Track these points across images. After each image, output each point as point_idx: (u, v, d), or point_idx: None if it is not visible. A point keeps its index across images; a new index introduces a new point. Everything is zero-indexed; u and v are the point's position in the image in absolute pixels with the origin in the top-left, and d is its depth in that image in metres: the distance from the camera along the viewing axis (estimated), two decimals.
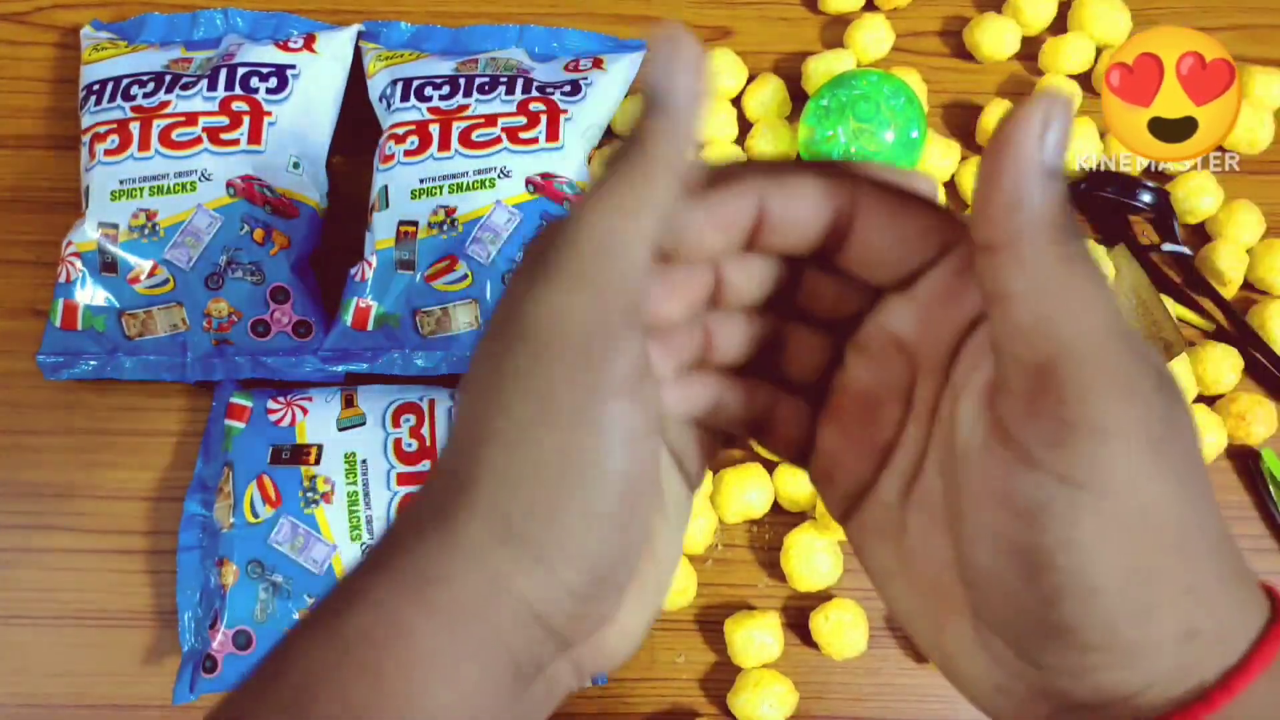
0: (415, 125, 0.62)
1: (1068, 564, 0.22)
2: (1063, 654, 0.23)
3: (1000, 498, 0.23)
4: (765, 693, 0.56)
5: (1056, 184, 0.22)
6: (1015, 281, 0.23)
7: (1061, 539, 0.22)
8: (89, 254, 0.61)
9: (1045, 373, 0.22)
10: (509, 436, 0.24)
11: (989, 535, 0.24)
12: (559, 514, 0.24)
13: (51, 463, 0.63)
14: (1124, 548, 0.22)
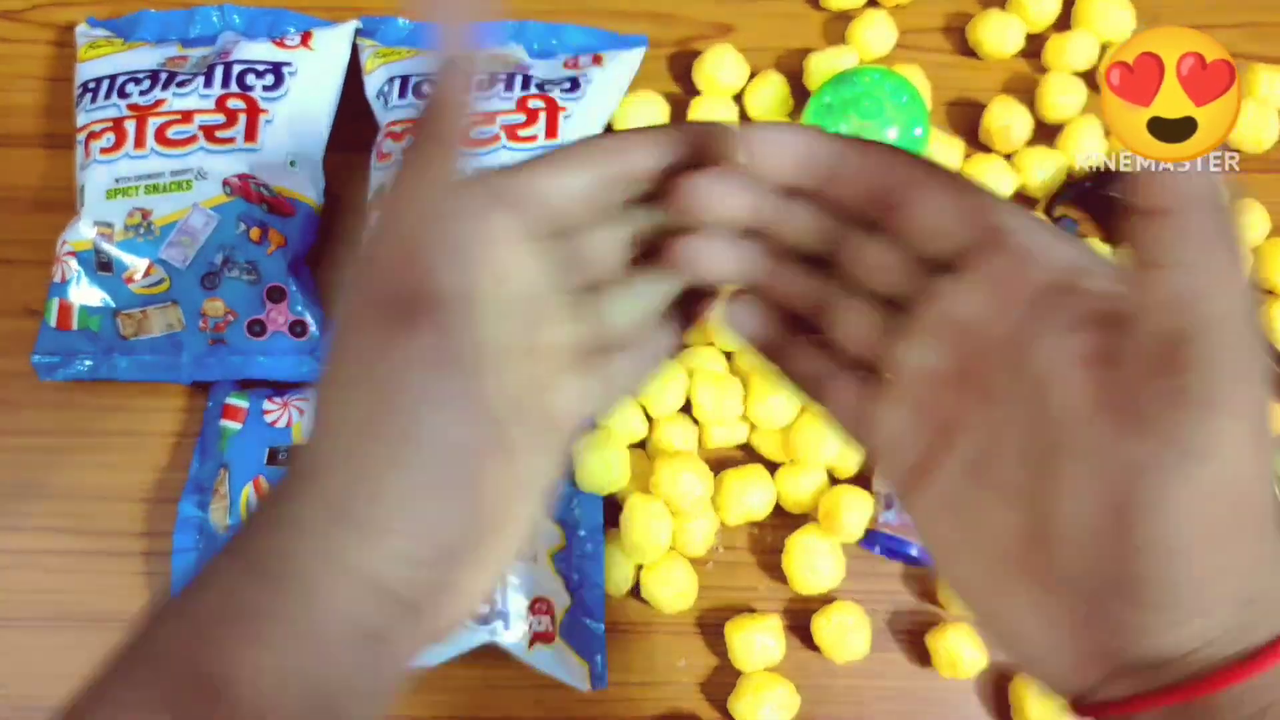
0: (413, 122, 0.62)
1: (1157, 521, 0.24)
2: (1131, 610, 0.25)
3: (1105, 458, 0.25)
4: (766, 696, 0.55)
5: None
6: (1174, 251, 0.25)
7: (1157, 497, 0.24)
8: (84, 253, 0.60)
9: (1179, 343, 0.24)
10: (341, 421, 0.26)
11: (1087, 494, 0.25)
12: (388, 490, 0.26)
13: (46, 463, 0.62)
14: (1210, 513, 0.24)
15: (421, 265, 0.26)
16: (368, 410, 0.26)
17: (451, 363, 0.26)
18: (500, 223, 0.29)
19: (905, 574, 0.60)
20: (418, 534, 0.26)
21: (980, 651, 0.56)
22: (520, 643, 0.55)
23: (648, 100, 0.66)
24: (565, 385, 0.31)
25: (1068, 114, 0.66)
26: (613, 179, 0.31)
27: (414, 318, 0.25)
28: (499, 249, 0.29)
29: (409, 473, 0.26)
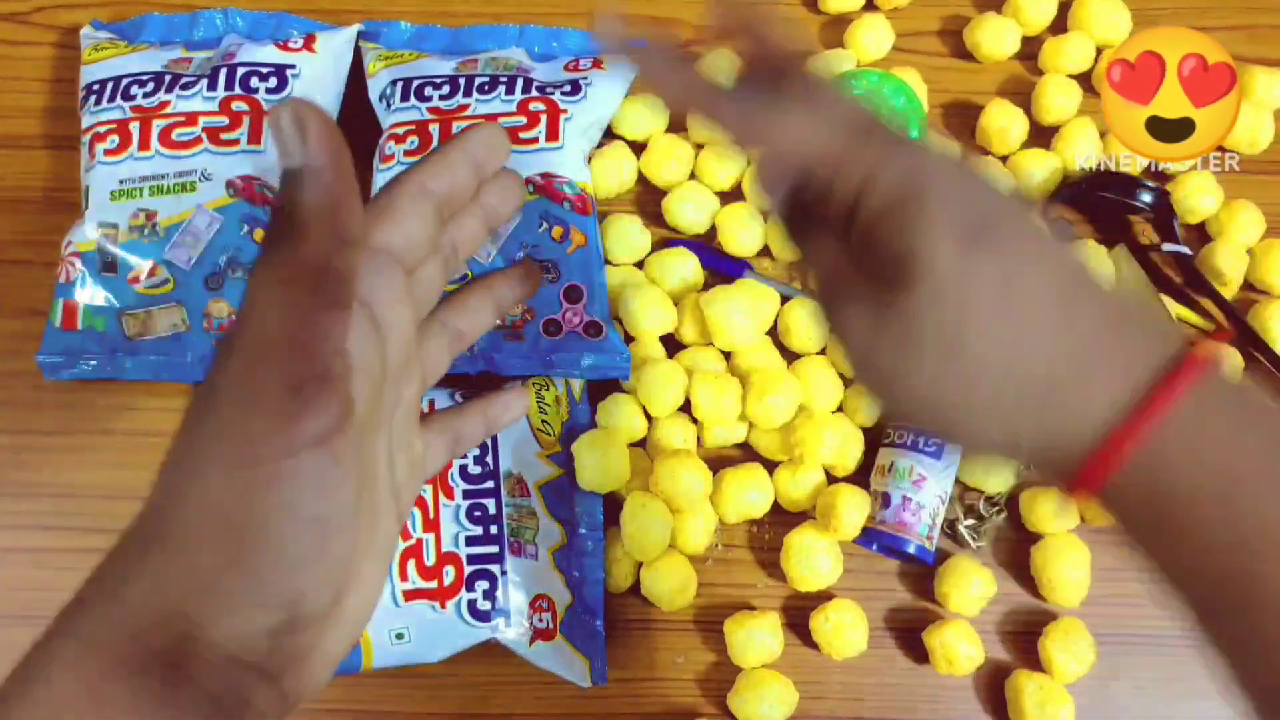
0: (415, 125, 0.62)
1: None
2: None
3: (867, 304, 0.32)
4: (765, 693, 0.56)
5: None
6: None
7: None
8: (89, 254, 0.61)
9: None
10: (201, 496, 0.25)
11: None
12: (253, 565, 0.25)
13: (51, 463, 0.63)
14: (945, 334, 0.29)
15: (306, 351, 0.25)
16: (230, 486, 0.25)
17: (324, 443, 0.25)
18: (380, 284, 0.29)
19: (902, 571, 0.60)
20: (273, 608, 0.26)
21: (977, 648, 0.56)
22: (521, 639, 0.56)
23: (647, 103, 0.67)
24: (416, 444, 0.32)
25: (1064, 116, 0.66)
26: (440, 208, 0.31)
27: (300, 405, 0.25)
28: (383, 311, 0.29)
29: (274, 548, 0.25)
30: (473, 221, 0.33)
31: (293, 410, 0.25)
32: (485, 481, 0.58)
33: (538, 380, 0.61)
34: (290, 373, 0.25)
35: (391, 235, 0.30)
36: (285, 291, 0.25)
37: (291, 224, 0.25)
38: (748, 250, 0.64)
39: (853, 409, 0.61)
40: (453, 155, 0.31)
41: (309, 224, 0.25)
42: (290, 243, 0.25)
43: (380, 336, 0.29)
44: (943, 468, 0.58)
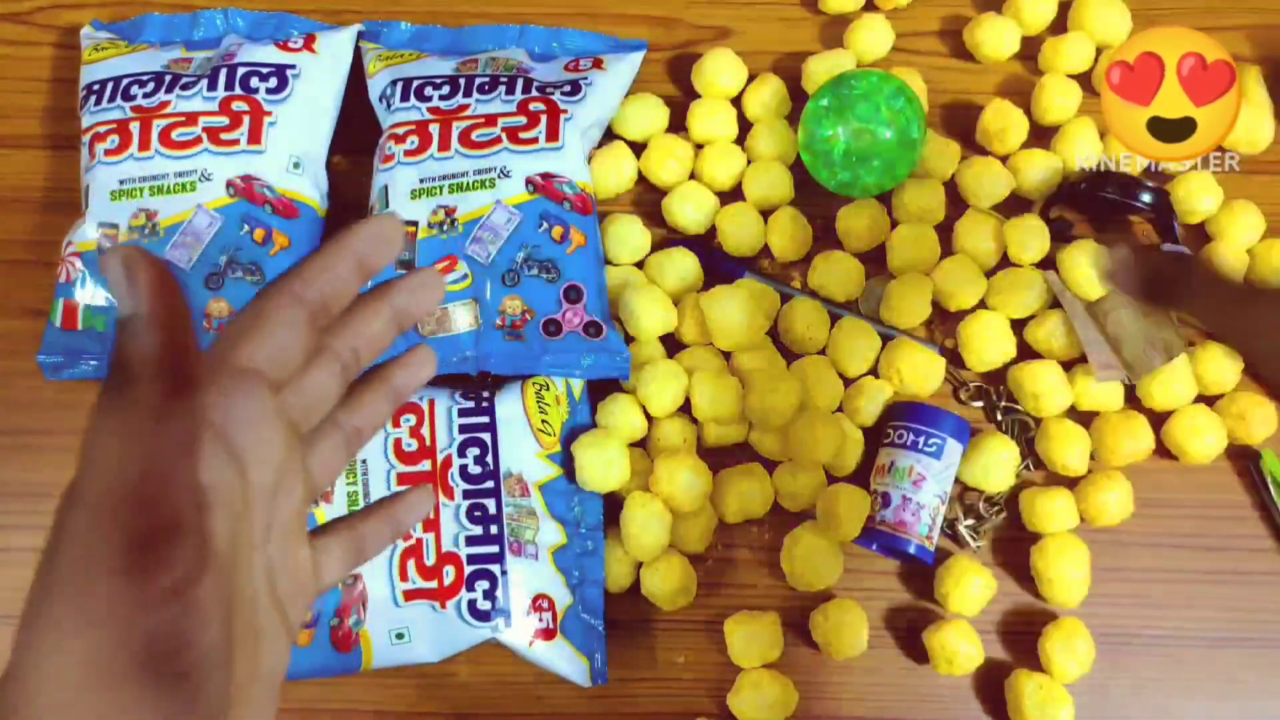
0: (415, 125, 0.62)
1: None
2: None
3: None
4: (765, 692, 0.56)
5: None
6: None
7: None
8: (89, 254, 0.61)
9: None
10: (65, 664, 0.25)
11: None
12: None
13: (51, 463, 0.63)
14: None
15: (150, 501, 0.24)
16: (83, 652, 0.24)
17: (180, 594, 0.25)
18: (239, 406, 0.28)
19: (902, 571, 0.60)
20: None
21: (977, 648, 0.56)
22: (521, 639, 0.56)
23: (647, 103, 0.67)
24: (302, 556, 0.31)
25: (1064, 116, 0.66)
26: (316, 314, 0.30)
27: (150, 559, 0.24)
28: (243, 436, 0.28)
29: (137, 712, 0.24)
30: (378, 322, 0.32)
31: (143, 566, 0.24)
32: (485, 481, 0.58)
33: (538, 380, 0.61)
34: (136, 526, 0.24)
35: (257, 351, 0.28)
36: (123, 441, 0.24)
37: (125, 372, 0.24)
38: (748, 250, 0.64)
39: (853, 409, 0.61)
40: (330, 256, 0.30)
41: (141, 372, 0.24)
42: (124, 391, 0.24)
43: (240, 464, 0.28)
44: (943, 468, 0.58)
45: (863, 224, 0.64)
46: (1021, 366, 0.61)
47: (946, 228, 0.65)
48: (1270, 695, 0.59)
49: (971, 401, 0.63)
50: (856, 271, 0.63)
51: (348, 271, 0.30)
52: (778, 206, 0.65)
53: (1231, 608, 0.60)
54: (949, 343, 0.64)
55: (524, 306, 0.60)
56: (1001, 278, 0.63)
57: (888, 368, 0.62)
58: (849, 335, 0.61)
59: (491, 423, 0.59)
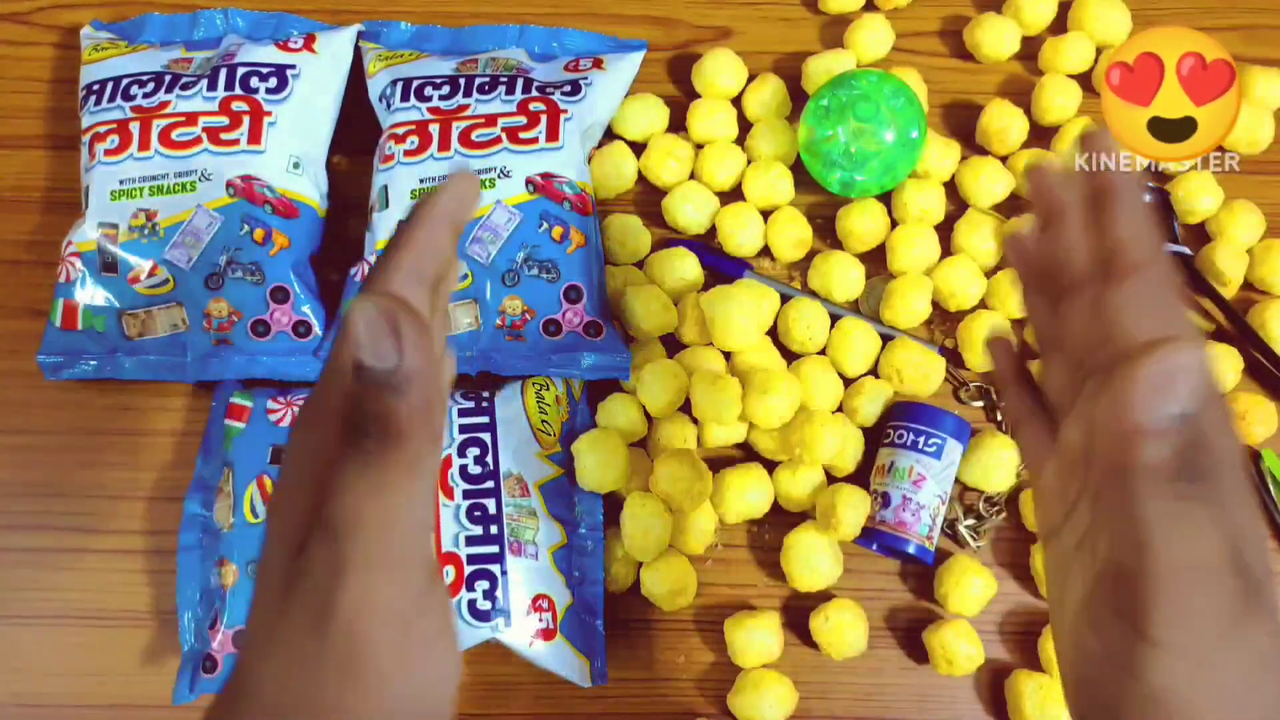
0: (415, 125, 0.62)
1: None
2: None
3: (1087, 636, 0.29)
4: (765, 693, 0.56)
5: (1178, 433, 0.25)
6: (1121, 511, 0.26)
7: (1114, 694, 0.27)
8: (89, 254, 0.61)
9: (1125, 581, 0.26)
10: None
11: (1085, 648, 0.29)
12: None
13: (51, 463, 0.63)
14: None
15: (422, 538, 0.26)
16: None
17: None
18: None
19: (902, 571, 0.60)
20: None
21: (977, 649, 0.56)
22: (521, 639, 0.56)
23: (647, 103, 0.67)
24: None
25: (1064, 116, 0.66)
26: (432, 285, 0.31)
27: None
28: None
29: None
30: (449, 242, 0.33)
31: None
32: (485, 481, 0.58)
33: (538, 380, 0.61)
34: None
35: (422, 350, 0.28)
36: (378, 497, 0.24)
37: (387, 428, 0.24)
38: (748, 250, 0.64)
39: (852, 409, 0.61)
40: (432, 231, 0.30)
41: (407, 431, 0.24)
42: (387, 447, 0.24)
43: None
44: (942, 468, 0.58)
45: (863, 224, 0.64)
46: None
47: (946, 228, 0.65)
48: None
49: (971, 401, 0.63)
50: (856, 271, 0.63)
51: (448, 239, 0.31)
52: (778, 206, 0.65)
53: None
54: (949, 343, 0.64)
55: (524, 306, 0.60)
56: (1001, 278, 0.63)
57: (888, 368, 0.62)
58: (849, 335, 0.61)
59: (491, 423, 0.59)
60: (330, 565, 0.24)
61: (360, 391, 0.23)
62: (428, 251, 0.29)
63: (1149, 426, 0.25)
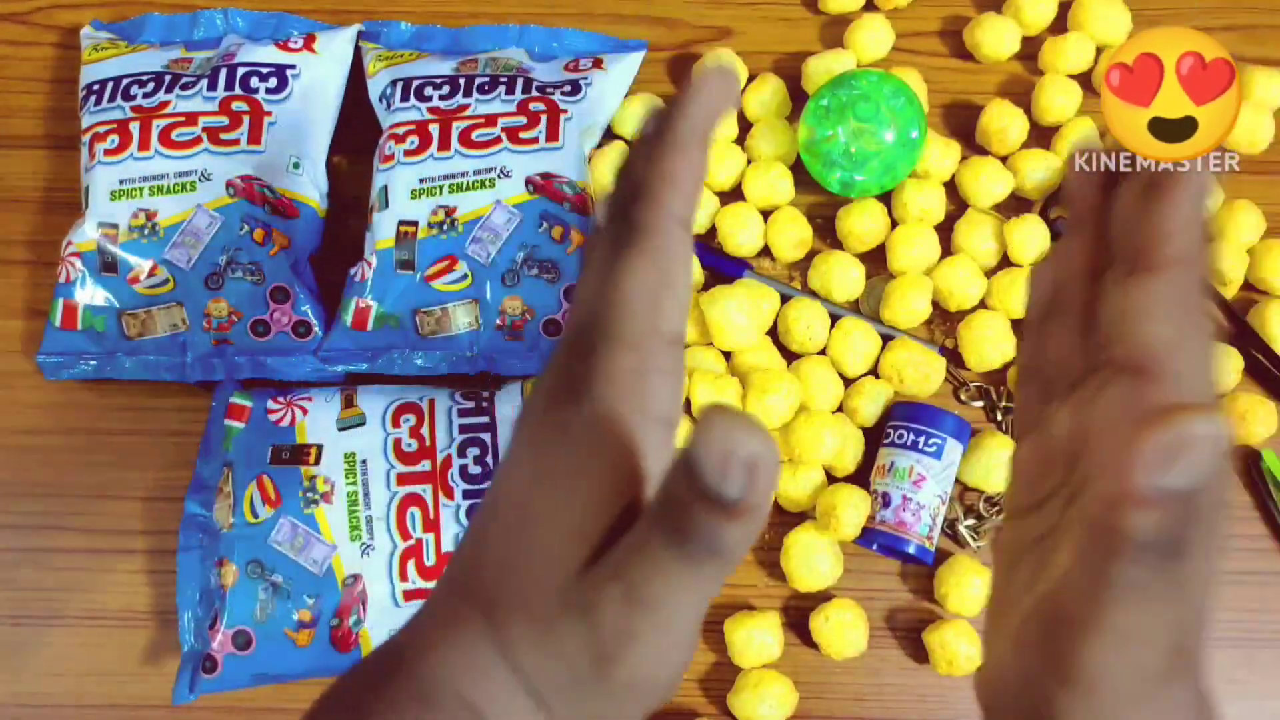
0: (415, 125, 0.62)
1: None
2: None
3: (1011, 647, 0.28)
4: (765, 693, 0.56)
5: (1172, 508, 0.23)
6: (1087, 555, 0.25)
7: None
8: (89, 254, 0.61)
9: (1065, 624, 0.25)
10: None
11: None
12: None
13: (51, 463, 0.63)
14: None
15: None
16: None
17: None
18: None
19: (902, 571, 0.60)
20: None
21: (976, 648, 0.56)
22: None
23: (647, 104, 0.67)
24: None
25: (1064, 116, 0.66)
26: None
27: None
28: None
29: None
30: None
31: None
32: (485, 482, 0.58)
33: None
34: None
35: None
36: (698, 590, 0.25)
37: (720, 557, 0.23)
38: (748, 250, 0.64)
39: (852, 409, 0.61)
40: (697, 157, 0.27)
41: (733, 556, 0.24)
42: (719, 571, 0.24)
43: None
44: (943, 468, 0.58)
45: (863, 224, 0.64)
46: None
47: (946, 228, 0.65)
48: (1270, 695, 0.59)
49: (971, 401, 0.63)
50: (856, 271, 0.63)
51: (704, 164, 0.28)
52: (778, 206, 0.65)
53: (1231, 608, 0.60)
54: (949, 343, 0.64)
55: (524, 306, 0.60)
56: (1001, 278, 0.63)
57: (888, 368, 0.62)
58: (849, 335, 0.61)
59: (491, 423, 0.59)
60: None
61: (686, 500, 0.22)
62: (691, 186, 0.27)
63: (1145, 496, 0.23)
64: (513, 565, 0.25)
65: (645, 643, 0.24)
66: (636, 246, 0.26)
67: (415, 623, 0.27)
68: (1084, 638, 0.25)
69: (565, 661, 0.25)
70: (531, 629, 0.25)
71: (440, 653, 0.26)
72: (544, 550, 0.25)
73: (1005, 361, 0.62)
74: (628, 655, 0.24)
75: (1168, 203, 0.28)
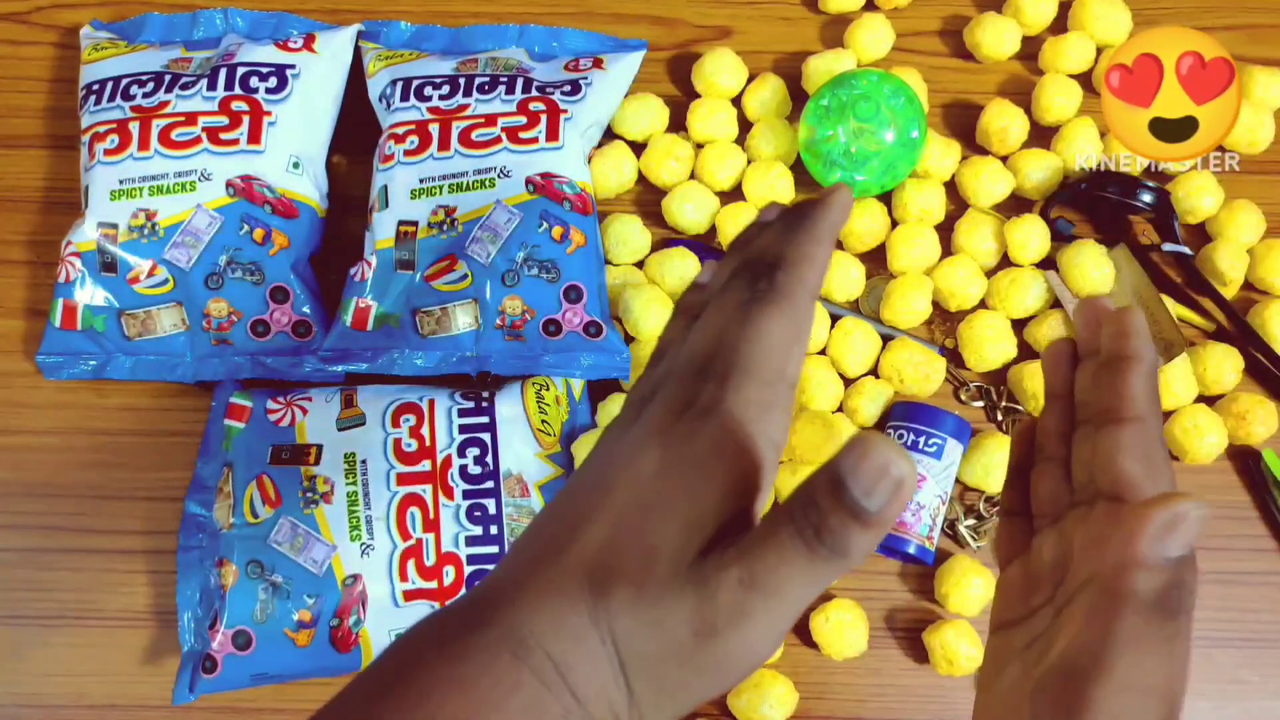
0: (415, 125, 0.62)
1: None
2: None
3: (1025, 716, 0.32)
4: (765, 693, 0.56)
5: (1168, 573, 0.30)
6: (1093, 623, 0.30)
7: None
8: (88, 254, 0.61)
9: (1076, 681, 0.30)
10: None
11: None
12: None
13: (51, 462, 0.63)
14: None
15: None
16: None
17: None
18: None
19: (903, 572, 0.60)
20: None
21: (977, 649, 0.56)
22: None
23: (647, 103, 0.67)
24: None
25: (1064, 116, 0.66)
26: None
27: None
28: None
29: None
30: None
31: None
32: (485, 482, 0.58)
33: (538, 380, 0.61)
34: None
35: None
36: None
37: (844, 560, 0.26)
38: None
39: (852, 409, 0.61)
40: (828, 249, 0.33)
41: (855, 556, 0.27)
42: (837, 571, 0.27)
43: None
44: (943, 468, 0.58)
45: (863, 224, 0.64)
46: (1021, 366, 0.61)
47: (946, 228, 0.65)
48: (1271, 695, 0.59)
49: (971, 401, 0.63)
50: (856, 271, 0.63)
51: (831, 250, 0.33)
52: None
53: (1231, 608, 0.60)
54: (949, 343, 0.64)
55: (524, 306, 0.60)
56: (1001, 278, 0.63)
57: (888, 368, 0.62)
58: (849, 335, 0.61)
59: (491, 423, 0.59)
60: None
61: (826, 507, 0.26)
62: (823, 268, 0.33)
63: (1149, 561, 0.30)
64: (626, 541, 0.27)
65: (754, 622, 0.27)
66: (777, 305, 0.31)
67: (496, 583, 0.29)
68: (1095, 683, 0.30)
69: (664, 632, 0.27)
70: (638, 599, 0.27)
71: (532, 610, 0.27)
72: (662, 532, 0.27)
73: (1005, 361, 0.62)
74: (733, 633, 0.27)
75: (1129, 372, 0.34)
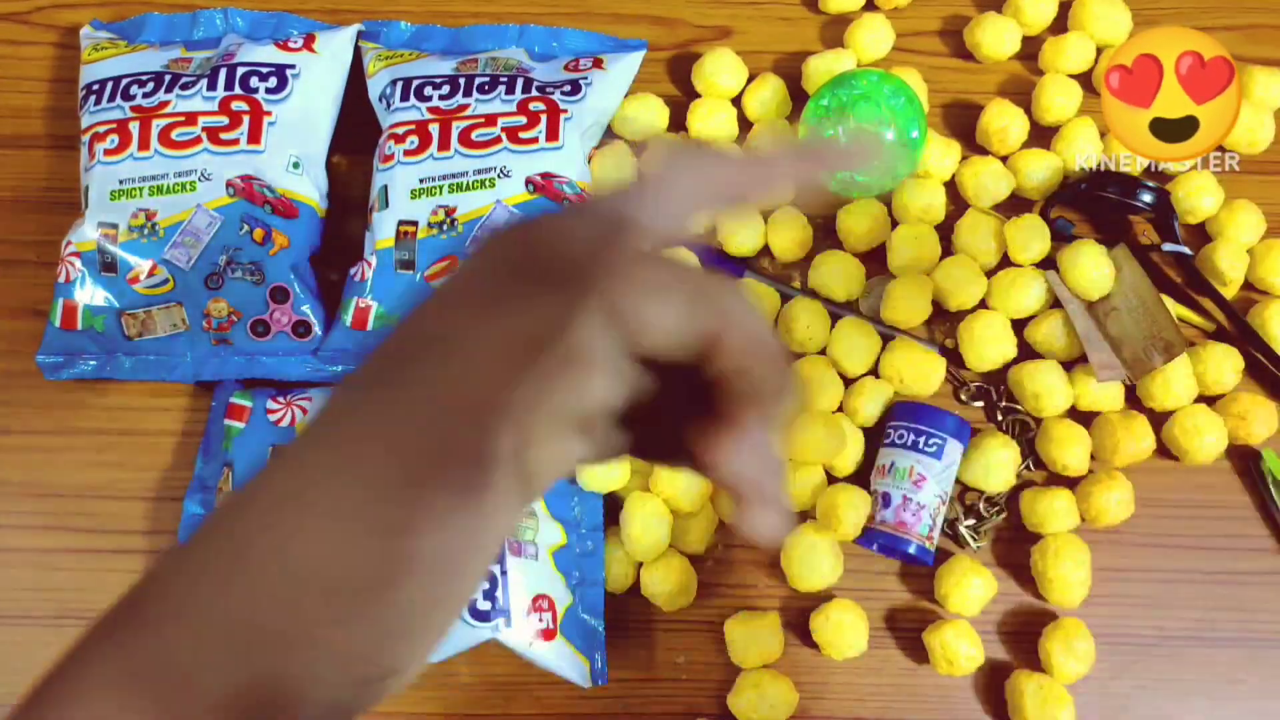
0: (415, 125, 0.62)
1: None
2: None
3: None
4: (765, 693, 0.56)
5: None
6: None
7: None
8: (88, 254, 0.61)
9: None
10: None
11: None
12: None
13: (51, 462, 0.63)
14: None
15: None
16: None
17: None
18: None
19: (902, 572, 0.60)
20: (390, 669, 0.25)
21: (977, 649, 0.56)
22: (522, 640, 0.56)
23: (647, 103, 0.67)
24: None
25: (1064, 116, 0.66)
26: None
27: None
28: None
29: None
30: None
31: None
32: None
33: None
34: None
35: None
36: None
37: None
38: (748, 250, 0.64)
39: (853, 409, 0.61)
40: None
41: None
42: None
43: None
44: (943, 468, 0.58)
45: (863, 224, 0.64)
46: (1021, 366, 0.61)
47: (946, 228, 0.65)
48: (1270, 695, 0.59)
49: (971, 401, 0.63)
50: (856, 271, 0.63)
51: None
52: (778, 206, 0.65)
53: (1231, 608, 0.60)
54: (949, 343, 0.64)
55: None
56: (1001, 278, 0.63)
57: (888, 368, 0.61)
58: (849, 335, 0.61)
59: None
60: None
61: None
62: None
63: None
64: None
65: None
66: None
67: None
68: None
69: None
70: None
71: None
72: None
73: (1005, 361, 0.62)
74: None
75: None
